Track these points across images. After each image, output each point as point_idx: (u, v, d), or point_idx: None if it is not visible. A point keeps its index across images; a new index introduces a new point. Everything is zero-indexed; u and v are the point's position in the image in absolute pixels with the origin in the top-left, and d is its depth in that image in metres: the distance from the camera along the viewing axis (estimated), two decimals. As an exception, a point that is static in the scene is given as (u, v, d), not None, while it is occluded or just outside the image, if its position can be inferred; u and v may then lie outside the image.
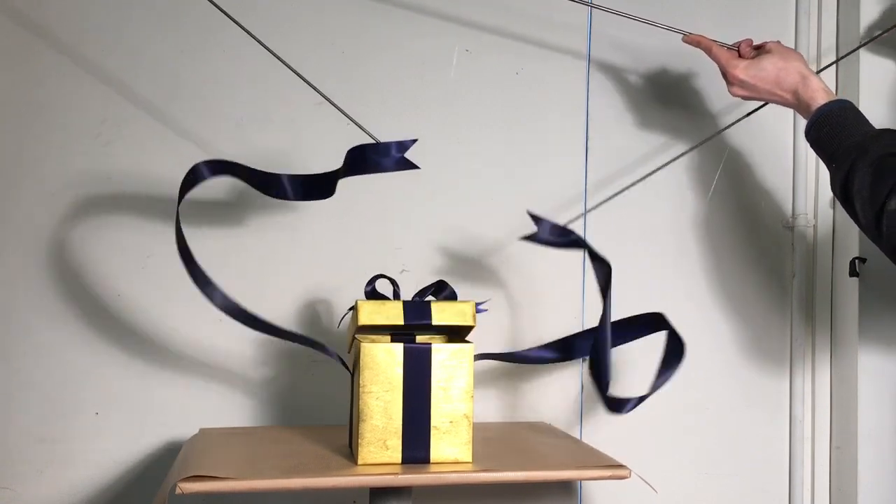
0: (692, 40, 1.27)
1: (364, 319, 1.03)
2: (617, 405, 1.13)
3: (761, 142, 1.50)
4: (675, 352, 1.15)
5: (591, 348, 1.14)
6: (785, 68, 1.16)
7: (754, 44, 1.24)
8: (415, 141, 1.08)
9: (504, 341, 1.40)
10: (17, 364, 1.29)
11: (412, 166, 1.08)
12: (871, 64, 1.43)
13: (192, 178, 1.09)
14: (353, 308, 1.06)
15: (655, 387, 1.14)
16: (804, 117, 1.15)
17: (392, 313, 1.04)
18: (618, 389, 1.20)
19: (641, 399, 1.13)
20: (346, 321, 1.21)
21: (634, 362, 1.35)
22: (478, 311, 1.09)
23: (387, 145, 1.08)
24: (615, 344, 1.16)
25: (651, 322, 1.20)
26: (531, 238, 1.16)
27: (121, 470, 1.31)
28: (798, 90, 1.15)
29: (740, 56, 1.22)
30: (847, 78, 1.46)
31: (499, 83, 1.43)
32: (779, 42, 1.22)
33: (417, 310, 1.05)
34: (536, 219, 1.15)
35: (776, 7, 1.52)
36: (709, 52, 1.24)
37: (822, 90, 1.13)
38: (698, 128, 1.48)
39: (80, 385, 1.30)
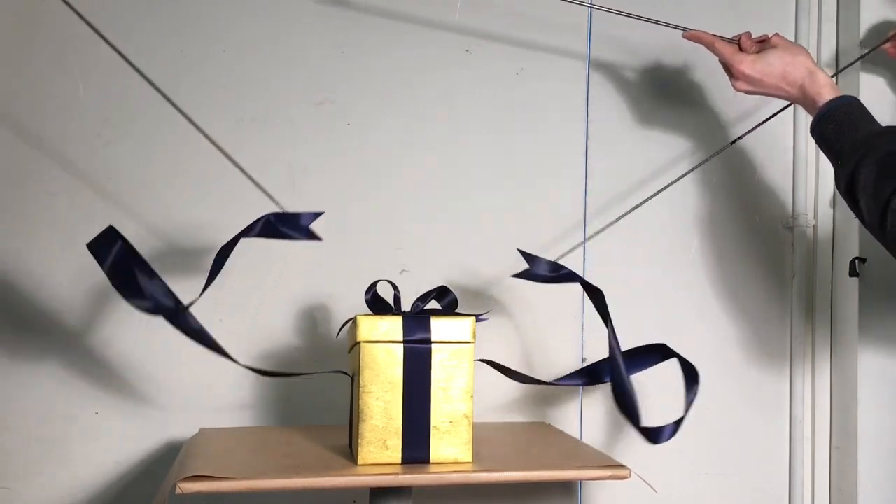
0: (693, 36, 1.25)
1: (363, 336, 1.04)
2: (654, 434, 1.08)
3: (761, 142, 1.50)
4: (689, 375, 1.13)
5: (611, 383, 1.09)
6: (792, 63, 1.15)
7: (754, 36, 1.23)
8: (321, 213, 1.02)
9: (505, 339, 1.40)
10: (17, 364, 1.29)
11: (316, 238, 1.01)
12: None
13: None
14: (352, 321, 1.06)
15: (686, 409, 1.11)
16: (809, 113, 1.14)
17: (391, 329, 1.04)
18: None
19: (678, 424, 1.08)
20: (345, 327, 1.21)
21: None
22: (479, 320, 1.08)
23: (295, 216, 1.02)
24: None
25: (655, 352, 1.18)
26: (524, 275, 1.13)
27: (121, 470, 1.31)
28: (805, 85, 1.14)
29: (741, 49, 1.21)
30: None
31: (499, 83, 1.43)
32: (780, 35, 1.21)
33: (417, 325, 1.05)
34: (529, 257, 1.14)
35: (776, 7, 1.52)
36: (711, 47, 1.23)
37: (829, 85, 1.12)
38: (701, 123, 1.48)
39: (80, 385, 1.30)
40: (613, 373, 1.08)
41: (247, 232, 1.03)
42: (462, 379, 1.04)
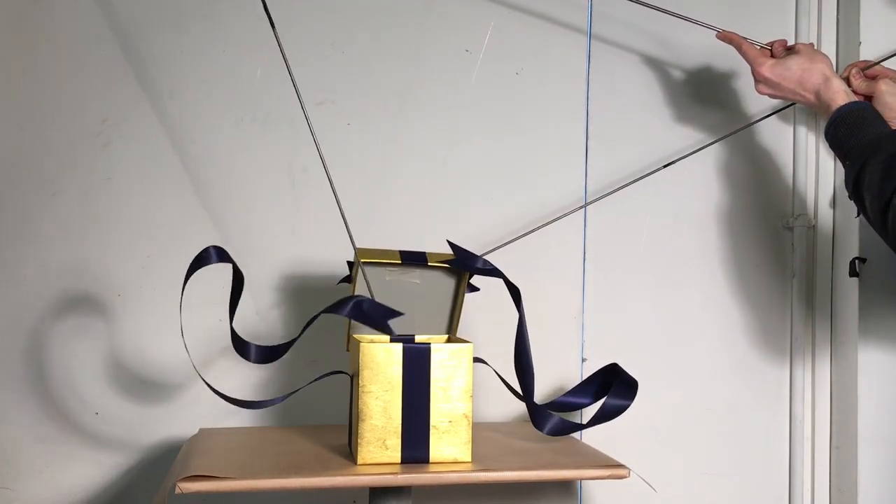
0: (725, 37, 1.29)
1: (363, 257, 1.08)
2: (540, 418, 1.12)
3: (762, 142, 1.50)
4: (628, 386, 1.13)
5: (514, 357, 1.14)
6: (809, 69, 1.18)
7: (787, 45, 1.25)
8: (400, 314, 1.05)
9: (503, 334, 1.40)
10: (18, 363, 1.29)
11: (390, 332, 1.06)
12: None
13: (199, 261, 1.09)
14: (352, 263, 1.08)
15: (596, 418, 1.11)
16: (824, 119, 1.17)
17: (390, 255, 1.09)
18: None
19: (571, 426, 1.12)
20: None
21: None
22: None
23: (381, 308, 1.06)
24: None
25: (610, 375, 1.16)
26: (454, 263, 1.15)
27: (121, 470, 1.31)
28: (820, 91, 1.17)
29: (772, 55, 1.24)
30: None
31: (499, 83, 1.43)
32: (811, 45, 1.24)
33: (413, 255, 1.10)
34: (457, 249, 1.15)
35: (776, 7, 1.52)
36: (739, 48, 1.26)
37: (843, 92, 1.15)
38: (703, 123, 1.48)
39: (80, 385, 1.30)
40: (519, 349, 1.14)
41: (335, 308, 1.05)
42: (461, 378, 1.04)
